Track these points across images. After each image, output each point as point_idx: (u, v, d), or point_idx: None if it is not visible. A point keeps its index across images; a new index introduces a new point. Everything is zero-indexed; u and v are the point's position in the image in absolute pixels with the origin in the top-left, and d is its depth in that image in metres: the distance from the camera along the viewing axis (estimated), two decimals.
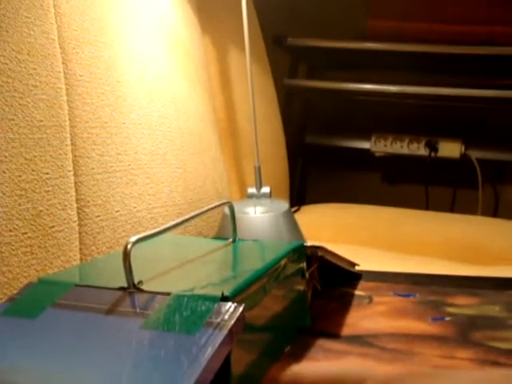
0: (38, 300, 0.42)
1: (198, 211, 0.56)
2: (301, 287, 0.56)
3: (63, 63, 0.70)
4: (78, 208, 0.69)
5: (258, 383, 0.44)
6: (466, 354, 0.49)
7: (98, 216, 0.72)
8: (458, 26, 1.45)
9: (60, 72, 0.68)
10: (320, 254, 0.60)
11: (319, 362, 0.48)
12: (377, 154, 1.62)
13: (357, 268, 0.70)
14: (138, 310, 0.39)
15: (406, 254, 1.12)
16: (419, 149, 1.56)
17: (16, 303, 0.42)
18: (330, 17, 1.57)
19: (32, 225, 0.61)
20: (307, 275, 0.57)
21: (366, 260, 0.71)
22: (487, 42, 1.42)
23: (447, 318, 0.57)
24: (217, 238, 0.90)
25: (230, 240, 0.61)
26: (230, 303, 0.38)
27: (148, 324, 0.37)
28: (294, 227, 0.97)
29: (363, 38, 1.52)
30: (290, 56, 1.70)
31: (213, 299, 0.39)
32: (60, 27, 0.70)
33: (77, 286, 0.44)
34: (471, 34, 1.44)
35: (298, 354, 0.49)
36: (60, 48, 0.69)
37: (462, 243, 1.16)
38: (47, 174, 0.64)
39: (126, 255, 0.42)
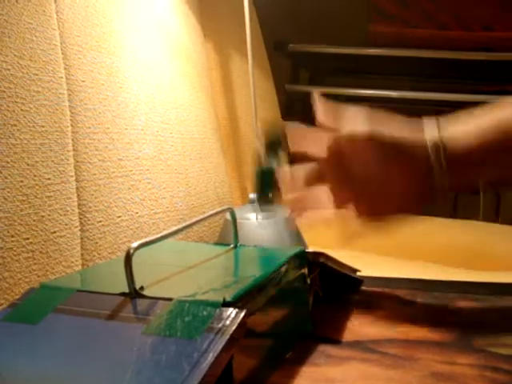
0: (40, 306, 0.42)
1: (199, 217, 0.56)
2: (302, 293, 0.56)
3: (65, 69, 0.70)
4: (79, 213, 0.69)
5: None
6: (467, 360, 0.49)
7: (100, 221, 0.72)
8: (458, 31, 1.45)
9: (62, 77, 0.68)
10: (321, 259, 0.60)
11: (320, 367, 0.48)
12: None
13: (358, 274, 0.70)
14: (139, 316, 0.39)
15: (407, 259, 1.12)
16: None
17: (17, 309, 0.42)
18: (331, 23, 1.58)
19: (34, 230, 0.61)
20: (309, 281, 0.57)
21: (367, 266, 0.71)
22: (487, 47, 1.43)
23: (448, 324, 0.57)
24: (218, 243, 0.90)
25: (232, 246, 0.61)
26: (231, 309, 0.38)
27: (149, 329, 0.37)
28: (296, 233, 0.97)
29: (364, 44, 1.53)
30: (291, 62, 1.70)
31: (214, 305, 0.39)
32: (62, 33, 0.70)
33: (78, 291, 0.44)
34: (471, 39, 1.44)
35: (300, 360, 0.49)
36: (62, 54, 0.69)
37: (464, 248, 1.16)
38: (49, 179, 0.64)
39: (128, 261, 0.42)
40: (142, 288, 0.43)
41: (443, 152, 0.54)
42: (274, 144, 0.59)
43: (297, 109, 1.71)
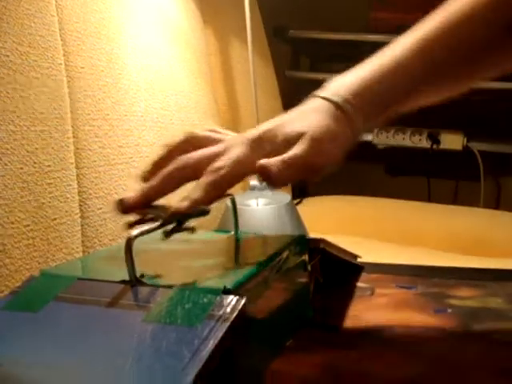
0: (40, 293, 0.42)
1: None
2: (303, 280, 0.56)
3: (64, 55, 0.69)
4: (80, 200, 0.69)
5: (261, 376, 0.44)
6: (469, 346, 0.49)
7: (100, 208, 0.72)
8: None
9: (61, 64, 0.68)
10: (322, 246, 0.60)
11: (321, 354, 0.48)
12: (379, 146, 1.62)
13: (359, 260, 0.70)
14: (140, 303, 0.39)
15: (408, 245, 1.13)
16: (421, 141, 1.56)
17: (18, 297, 0.42)
18: (332, 9, 1.57)
19: (34, 217, 0.61)
20: (309, 268, 0.57)
21: (368, 252, 0.71)
22: None
23: (449, 310, 0.57)
24: (219, 230, 0.90)
25: (232, 232, 0.61)
26: (231, 296, 0.38)
27: (150, 317, 0.37)
28: (297, 219, 0.97)
29: (365, 31, 1.52)
30: (291, 48, 1.69)
31: (215, 292, 0.39)
32: (61, 19, 0.70)
33: (79, 279, 0.44)
34: None
35: (300, 347, 0.49)
36: (61, 40, 0.69)
37: (464, 235, 1.16)
38: (49, 166, 0.64)
39: (128, 248, 0.42)
40: (142, 276, 0.43)
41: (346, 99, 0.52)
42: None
43: (297, 95, 1.70)
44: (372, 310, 0.58)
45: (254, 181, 1.05)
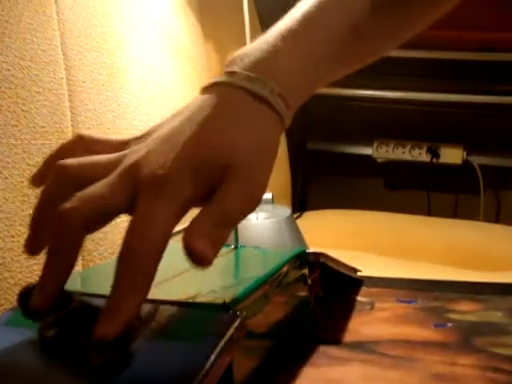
0: None
1: None
2: (303, 294, 0.56)
3: (66, 69, 0.70)
4: None
5: None
6: (468, 361, 0.48)
7: None
8: (458, 31, 1.45)
9: (63, 78, 0.68)
10: (322, 260, 0.60)
11: (321, 368, 0.48)
12: (379, 160, 1.62)
13: (359, 274, 0.70)
14: (138, 319, 0.39)
15: (408, 259, 1.12)
16: (421, 155, 1.56)
17: (18, 313, 0.42)
18: None
19: None
20: (309, 282, 0.57)
21: (367, 266, 0.71)
22: (487, 48, 1.43)
23: (449, 324, 0.57)
24: None
25: (232, 247, 0.61)
26: (231, 311, 0.38)
27: (149, 332, 0.37)
28: (296, 233, 0.96)
29: None
30: None
31: (214, 307, 0.39)
32: (63, 34, 0.70)
33: (79, 294, 0.43)
34: (471, 40, 1.44)
35: (300, 361, 0.49)
36: (63, 54, 0.69)
37: (464, 249, 1.16)
38: None
39: None
40: None
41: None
42: None
43: (297, 109, 1.70)
44: (372, 324, 0.58)
45: None
